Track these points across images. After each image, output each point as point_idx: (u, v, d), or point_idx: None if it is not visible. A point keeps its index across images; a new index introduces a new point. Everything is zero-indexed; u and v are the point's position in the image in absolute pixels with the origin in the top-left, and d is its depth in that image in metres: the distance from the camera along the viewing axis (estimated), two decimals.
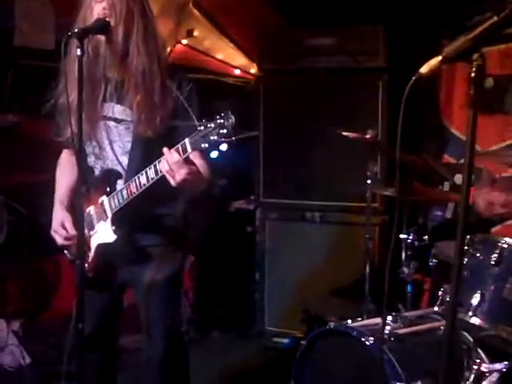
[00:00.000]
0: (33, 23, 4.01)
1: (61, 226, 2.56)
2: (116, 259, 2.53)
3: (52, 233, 2.60)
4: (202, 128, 2.11)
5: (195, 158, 2.22)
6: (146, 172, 2.30)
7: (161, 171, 2.25)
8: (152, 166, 2.28)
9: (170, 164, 2.18)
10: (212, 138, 2.08)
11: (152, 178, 2.29)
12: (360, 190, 3.54)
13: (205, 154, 2.15)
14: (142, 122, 2.36)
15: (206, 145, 2.10)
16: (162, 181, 2.30)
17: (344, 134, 3.31)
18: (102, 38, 2.35)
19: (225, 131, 2.07)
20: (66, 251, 2.63)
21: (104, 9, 2.33)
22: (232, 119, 2.08)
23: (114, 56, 2.39)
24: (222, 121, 2.08)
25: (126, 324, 2.81)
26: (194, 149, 2.14)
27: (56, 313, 3.97)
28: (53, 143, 2.65)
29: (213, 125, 2.09)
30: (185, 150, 2.17)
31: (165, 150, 2.20)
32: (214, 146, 2.10)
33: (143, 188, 2.33)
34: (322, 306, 3.72)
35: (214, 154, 2.11)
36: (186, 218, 2.64)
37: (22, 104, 4.06)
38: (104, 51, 2.38)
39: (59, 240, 2.57)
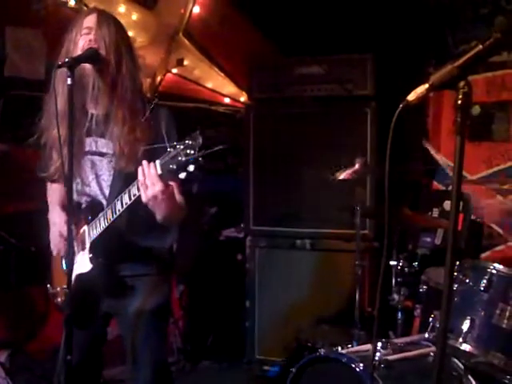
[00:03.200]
0: (24, 53, 4.03)
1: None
2: (97, 290, 2.49)
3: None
4: (172, 150, 2.10)
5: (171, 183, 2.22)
6: (121, 197, 2.28)
7: (134, 195, 2.22)
8: (126, 191, 2.26)
9: (146, 176, 2.16)
10: (180, 158, 2.07)
11: (126, 203, 2.26)
12: (349, 216, 3.55)
13: (173, 175, 2.12)
14: (125, 156, 2.36)
15: (175, 166, 2.08)
16: (148, 211, 2.28)
17: (340, 178, 3.34)
18: (90, 67, 2.35)
19: (192, 152, 2.06)
20: (48, 285, 2.62)
21: (90, 41, 2.34)
22: (199, 139, 2.07)
23: (104, 88, 2.38)
24: (190, 142, 2.07)
25: (113, 355, 2.77)
26: (163, 170, 2.13)
27: (44, 343, 3.92)
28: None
29: (181, 146, 2.07)
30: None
31: (144, 162, 2.18)
32: (182, 167, 2.07)
33: (118, 214, 2.30)
34: (312, 334, 3.70)
35: (182, 175, 2.10)
36: (172, 249, 2.62)
37: (12, 134, 4.07)
38: (90, 80, 2.37)
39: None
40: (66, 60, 2.18)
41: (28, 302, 4.08)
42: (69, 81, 2.15)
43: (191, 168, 2.06)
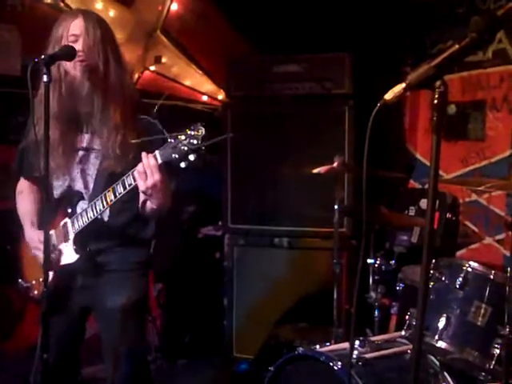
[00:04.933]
0: None
1: (40, 242, 2.51)
2: (78, 281, 2.51)
3: (34, 251, 2.56)
4: (172, 140, 2.16)
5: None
6: (114, 188, 2.31)
7: (129, 185, 2.27)
8: (120, 182, 2.30)
9: (146, 167, 2.21)
10: (182, 148, 2.13)
11: (120, 193, 2.30)
12: (328, 214, 3.56)
13: (174, 164, 2.18)
14: (114, 157, 2.39)
15: (176, 155, 2.15)
16: (132, 205, 2.30)
17: (315, 171, 3.35)
18: (80, 75, 2.37)
19: (195, 142, 2.13)
20: (20, 280, 2.60)
21: (79, 50, 2.35)
22: (202, 130, 2.14)
23: (97, 95, 2.41)
24: (193, 132, 2.14)
25: (91, 354, 2.76)
26: (164, 160, 2.19)
27: (20, 342, 3.89)
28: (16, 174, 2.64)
29: (183, 136, 2.14)
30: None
31: (143, 153, 2.23)
32: (184, 156, 2.14)
33: (110, 204, 2.33)
34: (290, 332, 3.71)
35: (183, 165, 2.15)
36: (151, 243, 2.63)
37: None
38: (84, 88, 2.39)
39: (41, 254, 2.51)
40: (42, 57, 2.17)
41: (4, 302, 4.03)
42: (45, 78, 2.14)
43: (192, 157, 2.13)
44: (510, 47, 4.04)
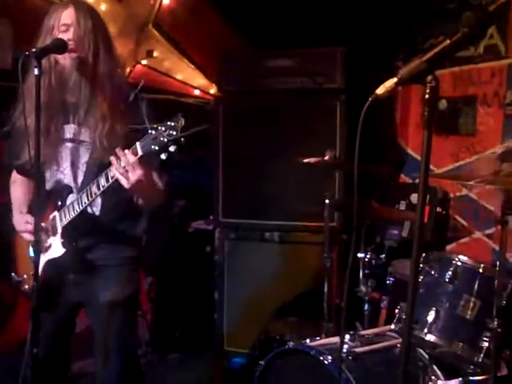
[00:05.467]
0: None
1: (25, 223, 2.52)
2: (67, 276, 2.50)
3: (22, 235, 2.55)
4: (153, 132, 2.13)
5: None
6: (97, 180, 2.30)
7: (112, 177, 2.24)
8: (103, 174, 2.28)
9: (125, 165, 2.18)
10: (162, 139, 2.10)
11: (103, 186, 2.28)
12: (318, 209, 3.57)
13: (155, 155, 2.16)
14: (103, 148, 2.37)
15: (156, 147, 2.12)
16: (123, 199, 2.30)
17: (305, 161, 3.35)
18: (69, 65, 2.36)
19: (174, 133, 2.10)
20: (13, 274, 2.59)
21: (69, 40, 2.34)
22: (181, 121, 2.11)
23: (85, 86, 2.40)
24: (173, 123, 2.11)
25: (81, 348, 2.76)
26: (144, 151, 2.16)
27: (12, 336, 3.87)
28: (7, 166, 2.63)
29: (163, 127, 2.11)
30: (135, 153, 2.18)
31: (118, 150, 2.20)
32: (164, 147, 2.11)
33: (94, 197, 2.32)
34: (280, 326, 3.72)
35: (163, 156, 2.13)
36: (142, 239, 2.63)
37: None
38: (72, 78, 2.39)
39: (29, 236, 2.51)
40: (33, 50, 2.17)
41: None
42: (36, 71, 2.14)
43: (172, 149, 2.10)
44: (501, 43, 4.05)
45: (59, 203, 2.47)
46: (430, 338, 2.68)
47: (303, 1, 4.45)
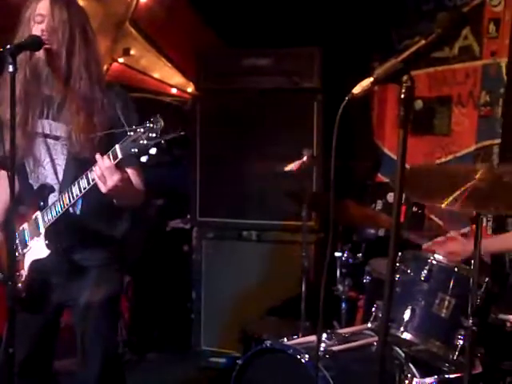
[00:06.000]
0: None
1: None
2: (52, 277, 2.48)
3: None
4: (132, 133, 2.11)
5: (129, 171, 2.28)
6: (79, 182, 2.28)
7: (93, 180, 2.22)
8: (84, 176, 2.26)
9: (102, 170, 2.17)
10: (141, 142, 2.08)
11: (84, 188, 2.26)
12: (296, 208, 3.58)
13: (135, 158, 2.15)
14: (80, 142, 2.35)
15: (136, 150, 2.10)
16: (104, 199, 2.28)
17: (287, 169, 3.36)
18: (43, 58, 2.33)
19: (154, 135, 2.08)
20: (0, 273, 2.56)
21: (43, 31, 2.32)
22: (161, 122, 2.09)
23: (58, 79, 2.38)
24: (152, 125, 2.09)
25: (63, 346, 2.73)
26: (124, 154, 2.14)
27: None
28: None
29: (142, 129, 2.09)
30: (115, 156, 2.16)
31: (97, 156, 2.19)
32: (144, 150, 2.09)
33: (76, 199, 2.30)
34: (258, 325, 3.72)
35: (143, 159, 2.11)
36: (124, 239, 2.61)
37: None
38: (44, 71, 2.36)
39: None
40: (8, 47, 2.14)
41: None
42: (10, 68, 2.11)
43: (153, 151, 2.08)
44: (476, 44, 4.10)
45: (41, 203, 2.44)
46: (406, 336, 2.70)
47: (281, 0, 4.46)
